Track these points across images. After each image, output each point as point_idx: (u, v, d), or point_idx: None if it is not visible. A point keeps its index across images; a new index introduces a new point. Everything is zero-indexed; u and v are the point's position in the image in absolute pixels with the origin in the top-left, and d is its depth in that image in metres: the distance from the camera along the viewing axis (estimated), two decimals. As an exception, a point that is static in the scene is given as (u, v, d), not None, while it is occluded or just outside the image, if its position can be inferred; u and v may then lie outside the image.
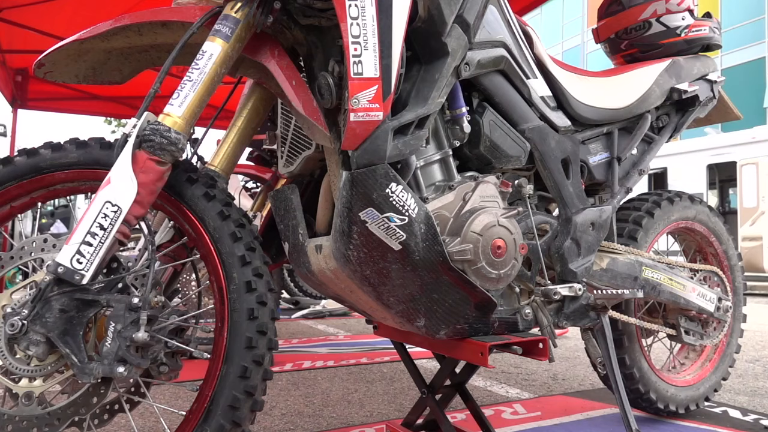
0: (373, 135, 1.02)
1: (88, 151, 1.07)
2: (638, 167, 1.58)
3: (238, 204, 3.36)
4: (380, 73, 1.00)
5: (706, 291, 1.67)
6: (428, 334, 1.19)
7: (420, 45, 1.13)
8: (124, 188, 0.93)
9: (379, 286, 1.14)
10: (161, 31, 1.18)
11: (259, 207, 2.42)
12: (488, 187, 1.23)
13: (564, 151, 1.40)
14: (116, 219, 0.92)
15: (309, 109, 1.07)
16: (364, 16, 0.99)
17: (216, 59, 1.03)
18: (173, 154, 0.98)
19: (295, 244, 1.31)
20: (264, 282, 1.01)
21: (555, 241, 1.37)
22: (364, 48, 0.99)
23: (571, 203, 1.38)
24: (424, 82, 1.12)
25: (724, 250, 1.89)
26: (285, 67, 1.11)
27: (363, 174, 1.04)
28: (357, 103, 1.00)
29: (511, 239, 1.19)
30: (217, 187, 1.06)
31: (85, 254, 0.90)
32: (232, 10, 1.06)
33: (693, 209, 1.78)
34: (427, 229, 1.11)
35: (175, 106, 1.00)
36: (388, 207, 1.06)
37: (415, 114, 1.08)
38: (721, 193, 10.45)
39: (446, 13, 1.08)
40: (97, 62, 1.25)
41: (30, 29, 4.44)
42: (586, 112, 1.48)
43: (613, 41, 1.82)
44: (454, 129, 1.24)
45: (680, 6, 1.71)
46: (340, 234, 1.10)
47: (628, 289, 1.33)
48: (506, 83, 1.31)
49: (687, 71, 1.69)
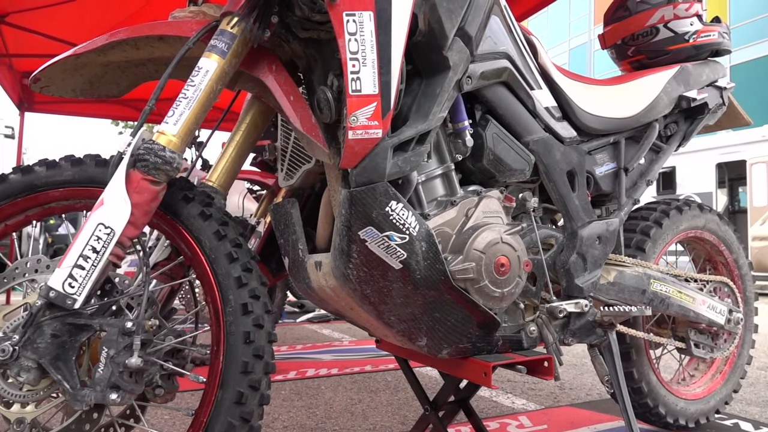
0: (372, 153, 1.00)
1: (83, 168, 1.05)
2: (646, 177, 1.54)
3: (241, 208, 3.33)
4: (379, 89, 0.98)
5: (716, 303, 1.63)
6: (430, 353, 1.17)
7: (420, 59, 1.10)
8: (117, 210, 0.91)
9: (380, 305, 1.11)
10: (158, 44, 1.16)
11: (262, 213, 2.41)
12: (491, 202, 1.20)
13: (569, 163, 1.37)
14: (109, 241, 0.90)
15: (307, 125, 1.05)
16: (363, 32, 0.96)
17: (212, 76, 1.01)
18: (168, 173, 0.96)
19: (295, 259, 1.29)
20: (261, 304, 0.98)
21: (560, 256, 1.34)
22: (362, 64, 0.96)
23: (577, 216, 1.35)
24: (425, 97, 1.09)
25: (735, 259, 1.85)
26: (283, 82, 1.08)
27: (362, 192, 1.01)
28: (355, 120, 0.97)
29: (515, 256, 1.16)
30: (213, 206, 1.04)
31: (77, 278, 0.88)
32: (228, 26, 1.04)
33: (702, 218, 1.74)
34: (428, 247, 1.08)
35: (170, 124, 0.98)
36: (388, 226, 1.04)
37: (415, 130, 1.06)
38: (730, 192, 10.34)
39: (447, 26, 1.05)
40: (94, 76, 1.24)
41: (36, 33, 4.45)
42: (592, 122, 1.45)
43: (620, 47, 1.78)
44: (457, 143, 1.21)
45: (688, 11, 1.67)
46: (340, 252, 1.08)
47: (636, 306, 1.29)
48: (510, 95, 1.28)
49: (696, 78, 1.65)
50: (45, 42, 4.58)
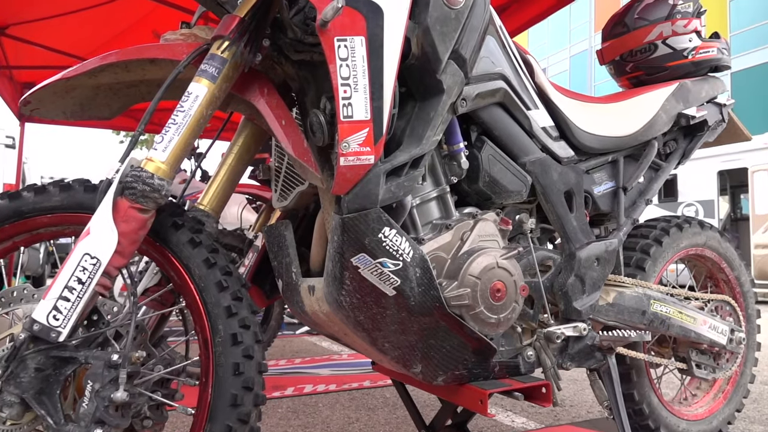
0: (364, 179, 0.98)
1: (71, 194, 1.04)
2: (645, 196, 1.52)
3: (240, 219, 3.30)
4: (371, 115, 0.96)
5: (717, 323, 1.61)
6: (425, 380, 1.15)
7: (414, 82, 1.09)
8: (103, 239, 0.89)
9: (374, 332, 1.09)
10: (149, 67, 1.15)
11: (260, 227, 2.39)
12: (487, 225, 1.19)
13: (567, 183, 1.35)
14: (95, 272, 0.88)
15: (299, 149, 1.03)
16: (354, 57, 0.95)
17: (202, 101, 1.00)
18: (156, 201, 0.95)
19: (289, 282, 1.27)
20: (251, 334, 0.96)
21: (558, 278, 1.32)
22: (354, 90, 0.95)
23: (575, 238, 1.33)
24: (419, 120, 1.08)
25: (736, 276, 1.82)
26: (274, 105, 1.07)
27: (354, 219, 0.99)
28: (347, 147, 0.95)
29: (511, 281, 1.14)
30: (203, 233, 1.03)
31: (62, 310, 0.86)
32: (218, 50, 1.02)
33: (703, 235, 1.72)
34: (422, 273, 1.06)
35: (159, 150, 0.97)
36: (381, 252, 1.02)
37: (409, 155, 1.04)
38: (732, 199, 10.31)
39: (440, 50, 1.04)
40: (85, 98, 1.22)
41: (36, 45, 4.46)
42: (590, 141, 1.43)
43: (618, 63, 1.76)
44: (452, 165, 1.20)
45: (687, 28, 1.65)
46: (332, 279, 1.06)
47: (636, 331, 1.27)
48: (506, 116, 1.26)
49: (695, 95, 1.64)
50: (45, 53, 4.60)
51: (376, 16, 0.95)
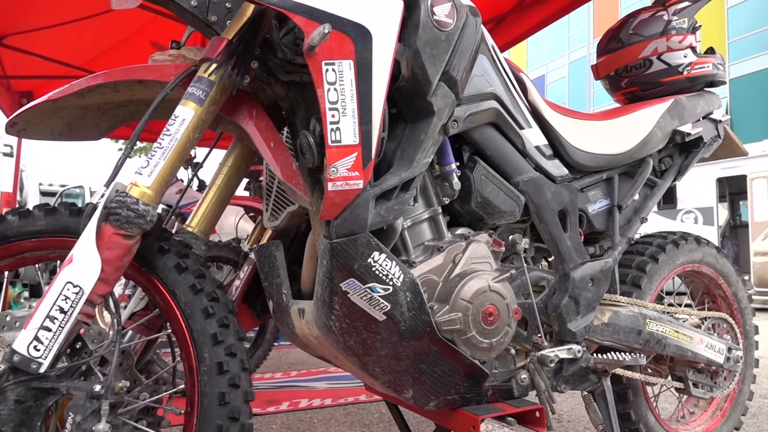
0: (353, 204, 0.97)
1: (56, 218, 1.02)
2: (640, 214, 1.51)
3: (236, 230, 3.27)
4: (360, 139, 0.95)
5: (714, 342, 1.59)
6: (417, 405, 1.13)
7: (404, 104, 1.07)
8: (86, 267, 0.88)
9: (364, 357, 1.07)
10: (138, 87, 1.14)
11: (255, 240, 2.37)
12: (480, 247, 1.17)
13: (561, 203, 1.34)
14: (78, 301, 0.87)
15: (287, 173, 1.02)
16: (342, 81, 0.93)
17: (188, 125, 0.98)
18: (141, 227, 0.93)
19: (279, 303, 1.26)
20: (237, 362, 0.95)
21: (552, 299, 1.30)
22: (342, 114, 0.94)
23: (569, 258, 1.32)
24: (410, 143, 1.06)
25: (734, 292, 1.81)
26: (263, 128, 1.06)
27: (343, 244, 0.98)
28: (335, 171, 0.94)
29: (503, 305, 1.12)
30: (190, 257, 1.01)
31: (43, 340, 0.85)
32: (205, 72, 1.01)
33: (700, 252, 1.70)
34: (413, 297, 1.05)
35: (144, 175, 0.95)
36: (371, 277, 1.00)
37: (399, 178, 1.02)
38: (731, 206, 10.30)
39: (431, 72, 1.03)
40: (73, 118, 1.21)
41: (34, 55, 4.45)
42: (585, 159, 1.42)
43: (613, 79, 1.75)
44: (444, 186, 1.18)
45: (682, 44, 1.64)
46: (322, 303, 1.04)
47: (630, 355, 1.25)
48: (498, 135, 1.25)
49: (690, 111, 1.62)
50: (43, 63, 4.59)
51: (365, 40, 0.94)
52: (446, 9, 1.03)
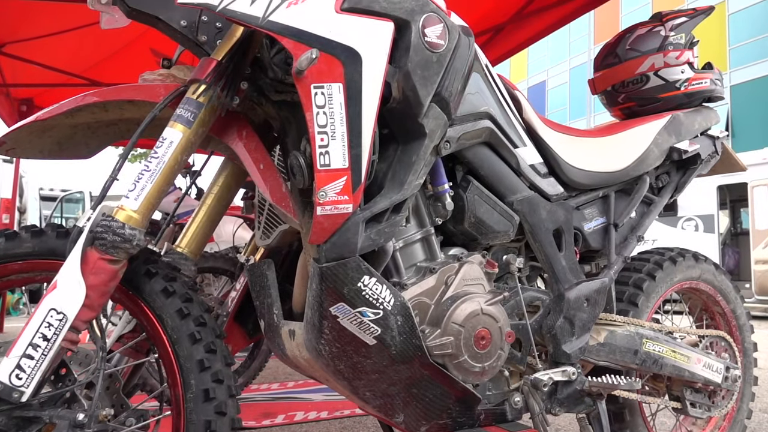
0: (342, 228, 0.95)
1: (43, 240, 1.01)
2: (637, 232, 1.49)
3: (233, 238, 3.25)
4: (349, 163, 0.94)
5: (712, 361, 1.57)
6: (408, 429, 1.11)
7: (396, 125, 1.06)
8: (70, 293, 0.86)
9: (354, 380, 1.06)
10: (127, 106, 1.13)
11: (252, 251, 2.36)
12: (472, 268, 1.16)
13: (556, 222, 1.32)
14: (61, 328, 0.85)
15: (276, 195, 1.01)
16: (332, 105, 0.92)
17: (176, 147, 0.97)
18: (128, 251, 0.92)
19: (270, 323, 1.24)
20: (224, 388, 0.93)
21: (547, 320, 1.29)
22: (331, 138, 0.92)
23: (564, 278, 1.30)
24: (401, 164, 1.05)
25: (732, 309, 1.79)
26: (253, 149, 1.05)
27: (332, 269, 0.97)
28: (324, 196, 0.93)
29: (496, 328, 1.11)
30: (177, 281, 1.00)
31: (25, 369, 0.83)
32: (194, 94, 1.00)
33: (697, 268, 1.68)
34: (404, 321, 1.03)
35: (131, 199, 0.94)
36: (361, 301, 0.99)
37: (389, 201, 1.01)
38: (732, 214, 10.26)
39: (422, 94, 1.01)
40: (63, 137, 1.20)
41: (34, 63, 4.45)
42: (580, 177, 1.40)
43: (610, 94, 1.74)
44: (437, 206, 1.17)
45: (679, 59, 1.63)
46: (311, 327, 1.03)
47: (625, 380, 1.24)
48: (492, 154, 1.23)
49: (687, 127, 1.61)
50: (42, 71, 4.60)
51: (355, 63, 0.93)
52: (438, 30, 1.02)
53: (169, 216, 1.38)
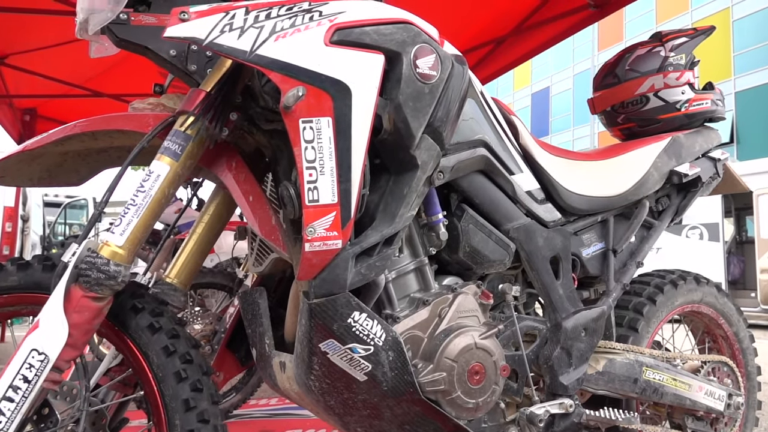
0: (331, 264, 0.93)
1: (29, 273, 0.99)
2: (636, 258, 1.46)
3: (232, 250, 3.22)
4: (338, 198, 0.92)
5: (714, 388, 1.54)
6: (400, 465, 1.09)
7: (387, 156, 1.04)
8: (52, 333, 0.85)
9: (345, 416, 1.04)
10: (117, 135, 1.11)
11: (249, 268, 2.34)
12: (467, 300, 1.13)
13: (553, 249, 1.30)
14: (43, 369, 0.84)
15: (265, 228, 0.99)
16: (320, 139, 0.90)
17: (163, 181, 0.95)
18: (112, 288, 0.90)
19: (262, 353, 1.22)
20: (210, 428, 0.91)
21: (543, 350, 1.26)
22: (320, 173, 0.91)
23: (561, 307, 1.28)
24: (393, 196, 1.03)
25: (735, 332, 1.76)
26: (242, 180, 1.03)
27: (322, 305, 0.95)
28: (313, 232, 0.91)
29: (490, 362, 1.09)
30: (165, 316, 0.98)
31: (5, 412, 0.81)
32: (182, 126, 0.98)
33: (699, 292, 1.65)
34: (395, 356, 1.01)
35: (116, 234, 0.92)
36: (351, 338, 0.97)
37: (380, 235, 0.99)
38: (737, 222, 10.20)
39: (414, 126, 0.99)
40: (53, 165, 1.19)
41: (35, 74, 4.47)
42: (578, 203, 1.38)
43: (610, 114, 1.72)
44: (430, 236, 1.15)
45: (679, 80, 1.61)
46: (301, 362, 1.01)
47: (625, 414, 1.21)
48: (487, 182, 1.21)
49: (688, 149, 1.59)
50: (44, 82, 4.61)
51: (344, 96, 0.91)
52: (430, 61, 1.00)
53: (170, 228, 1.37)
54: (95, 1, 0.97)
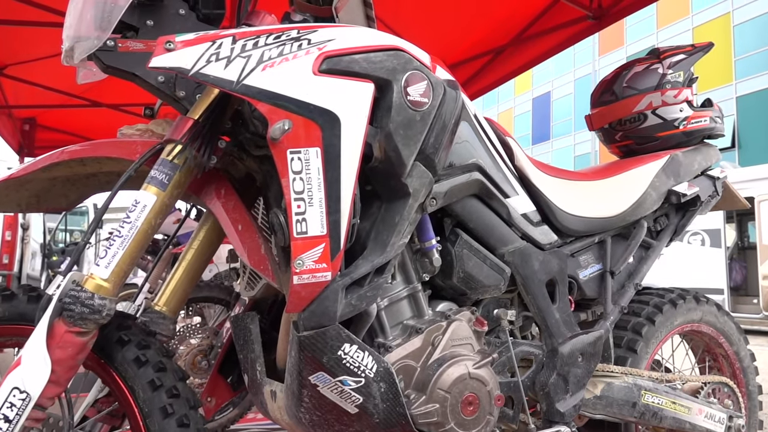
0: (320, 296, 0.92)
1: (13, 305, 0.97)
2: (634, 280, 1.44)
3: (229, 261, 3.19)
4: (327, 229, 0.90)
5: (714, 411, 1.52)
6: (393, 498, 1.06)
7: (378, 184, 1.03)
8: (35, 371, 0.83)
9: (336, 449, 1.02)
10: (105, 161, 1.10)
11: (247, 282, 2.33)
12: (461, 327, 1.12)
13: (549, 272, 1.28)
14: (24, 408, 0.82)
15: (254, 258, 0.97)
16: (309, 170, 0.89)
17: (150, 211, 0.94)
18: (97, 322, 0.88)
19: (254, 379, 1.20)
20: (197, 464, 0.89)
21: (540, 376, 1.24)
22: (308, 204, 0.89)
23: (557, 332, 1.25)
24: (384, 224, 1.01)
25: (735, 351, 1.73)
26: (231, 209, 1.01)
27: (311, 338, 0.93)
28: (301, 264, 0.89)
29: (484, 392, 1.06)
30: (151, 348, 0.96)
31: (-14, 452, 0.80)
32: (169, 155, 0.97)
33: (699, 311, 1.63)
34: (387, 388, 0.99)
35: (101, 267, 0.91)
36: (341, 370, 0.95)
37: (371, 265, 0.97)
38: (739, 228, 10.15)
39: (405, 154, 0.98)
40: (41, 190, 1.17)
41: (34, 84, 4.47)
42: (575, 224, 1.36)
43: (608, 131, 1.70)
44: (424, 262, 1.13)
45: (677, 98, 1.59)
46: (291, 394, 0.99)
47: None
48: (482, 206, 1.19)
49: (686, 168, 1.57)
50: (43, 93, 4.61)
51: (333, 126, 0.90)
52: (421, 88, 0.98)
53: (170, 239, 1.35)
54: (81, 28, 0.95)
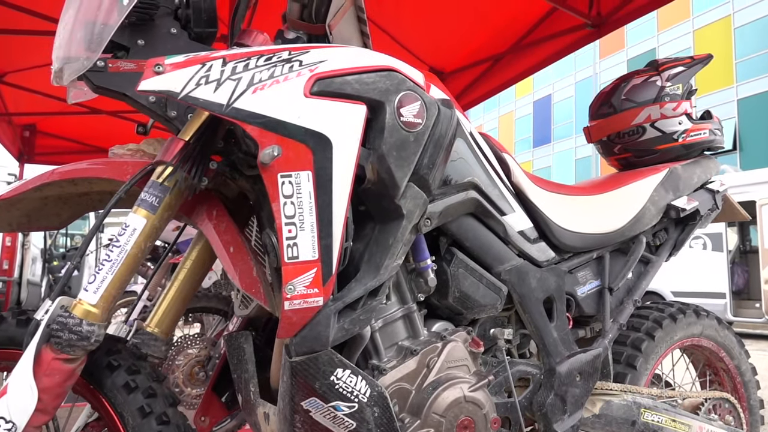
0: (312, 321, 0.90)
1: (2, 328, 0.96)
2: (633, 296, 1.43)
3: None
4: (319, 254, 0.89)
5: (715, 428, 1.50)
6: None
7: (372, 205, 1.01)
8: (21, 400, 0.81)
9: (329, 474, 1.00)
10: (96, 181, 1.09)
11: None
12: (456, 348, 1.10)
13: (546, 290, 1.26)
14: (10, 438, 0.80)
15: (246, 281, 0.96)
16: (300, 194, 0.87)
17: (139, 235, 0.92)
18: (85, 349, 0.87)
19: (247, 399, 1.19)
20: (187, 494, 0.88)
21: (537, 396, 1.22)
22: (300, 229, 0.87)
23: (555, 351, 1.24)
24: (378, 246, 1.00)
25: (736, 365, 1.71)
26: (223, 230, 1.00)
27: (303, 363, 0.91)
28: (293, 289, 0.88)
29: (480, 416, 1.05)
30: (142, 373, 0.95)
31: (-30, 485, 0.78)
32: (159, 177, 0.95)
33: (699, 325, 1.61)
34: (381, 412, 0.97)
35: (90, 292, 0.89)
36: (334, 396, 0.93)
37: (364, 288, 0.96)
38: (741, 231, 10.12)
39: (398, 176, 0.96)
40: (32, 209, 1.16)
41: (34, 92, 4.47)
42: (573, 240, 1.34)
43: (606, 144, 1.69)
44: (419, 281, 1.11)
45: (676, 111, 1.58)
46: (283, 418, 0.97)
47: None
48: (478, 225, 1.18)
49: (686, 181, 1.55)
50: (42, 99, 4.61)
51: (324, 149, 0.88)
52: (415, 109, 0.97)
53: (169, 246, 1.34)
54: (71, 49, 0.94)
